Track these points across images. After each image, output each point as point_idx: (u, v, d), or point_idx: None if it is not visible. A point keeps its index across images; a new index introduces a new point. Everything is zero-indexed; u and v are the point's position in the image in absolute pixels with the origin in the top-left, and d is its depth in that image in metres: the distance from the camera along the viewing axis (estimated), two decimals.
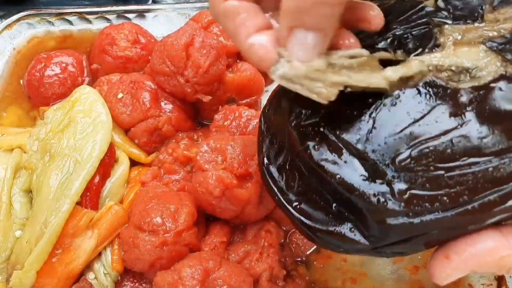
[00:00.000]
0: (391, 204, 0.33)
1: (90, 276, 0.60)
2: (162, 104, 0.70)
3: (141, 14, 0.86)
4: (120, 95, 0.69)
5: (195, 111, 0.75)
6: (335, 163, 0.35)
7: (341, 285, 0.64)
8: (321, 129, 0.37)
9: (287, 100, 0.41)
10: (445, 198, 0.32)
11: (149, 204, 0.58)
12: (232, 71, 0.72)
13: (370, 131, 0.35)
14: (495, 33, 0.38)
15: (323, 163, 0.36)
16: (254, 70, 0.73)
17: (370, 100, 0.36)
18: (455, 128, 0.33)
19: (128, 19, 0.86)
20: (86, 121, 0.65)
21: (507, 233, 0.33)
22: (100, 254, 0.61)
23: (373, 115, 0.35)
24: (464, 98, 0.34)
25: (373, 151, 0.34)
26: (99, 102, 0.68)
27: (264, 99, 0.79)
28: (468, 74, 0.36)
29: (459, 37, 0.38)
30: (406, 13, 0.41)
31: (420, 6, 0.41)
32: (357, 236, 0.36)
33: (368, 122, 0.35)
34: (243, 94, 0.73)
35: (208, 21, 0.74)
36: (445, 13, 0.39)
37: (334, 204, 0.37)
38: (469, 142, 0.33)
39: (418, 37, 0.39)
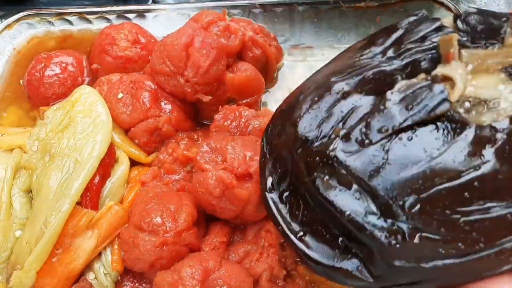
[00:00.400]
0: (402, 246, 0.31)
1: (90, 276, 0.60)
2: (162, 104, 0.70)
3: (141, 14, 0.86)
4: (120, 95, 0.69)
5: (195, 111, 0.75)
6: (345, 198, 0.33)
7: (341, 285, 0.64)
8: (330, 161, 0.34)
9: (292, 124, 0.39)
10: (460, 244, 0.31)
11: (149, 204, 0.58)
12: (232, 71, 0.72)
13: (383, 166, 0.32)
14: None
15: (332, 197, 0.34)
16: (254, 70, 0.73)
17: (385, 128, 0.33)
18: (473, 169, 0.31)
19: (128, 19, 0.86)
20: (86, 121, 0.65)
21: None
22: (100, 254, 0.61)
23: (387, 147, 0.33)
24: (483, 136, 0.32)
25: (386, 188, 0.32)
26: (99, 102, 0.68)
27: (264, 99, 0.79)
28: (486, 106, 0.33)
29: (477, 65, 0.35)
30: (421, 32, 0.38)
31: (437, 25, 0.38)
32: (364, 275, 0.35)
33: (381, 155, 0.33)
34: (243, 94, 0.73)
35: (208, 21, 0.74)
36: (463, 34, 0.37)
37: (341, 239, 0.36)
38: (487, 185, 0.31)
39: (433, 61, 0.36)
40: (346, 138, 0.35)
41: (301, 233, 0.38)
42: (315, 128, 0.37)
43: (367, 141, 0.34)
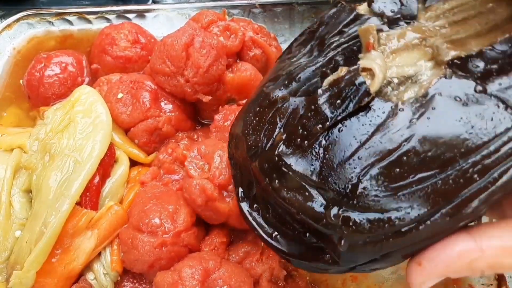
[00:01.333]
0: (353, 230, 0.33)
1: (90, 276, 0.60)
2: (162, 104, 0.70)
3: (141, 14, 0.86)
4: (120, 95, 0.69)
5: (195, 111, 0.75)
6: (297, 196, 0.36)
7: (342, 285, 0.64)
8: (277, 165, 0.37)
9: (243, 137, 0.41)
10: (401, 217, 0.32)
11: (148, 204, 0.58)
12: (232, 71, 0.71)
13: (322, 161, 0.35)
14: (430, 33, 0.37)
15: (286, 196, 0.36)
16: (254, 70, 0.73)
17: (319, 127, 0.35)
18: (400, 146, 0.33)
19: (128, 19, 0.86)
20: (86, 121, 0.65)
21: (475, 233, 0.32)
22: (99, 254, 0.61)
23: (323, 143, 0.35)
24: (406, 112, 0.34)
25: (328, 180, 0.34)
26: (99, 102, 0.68)
27: None
28: (410, 80, 0.35)
29: (396, 45, 0.37)
30: (341, 25, 0.40)
31: (354, 14, 0.40)
32: (331, 261, 0.36)
33: (319, 151, 0.35)
34: (243, 94, 0.73)
35: (208, 21, 0.74)
36: (379, 18, 0.39)
37: (306, 233, 0.38)
38: (415, 158, 0.32)
39: (354, 52, 0.38)
40: (288, 141, 0.37)
41: (276, 233, 0.40)
42: (262, 137, 0.39)
43: (305, 141, 0.36)
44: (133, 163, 0.69)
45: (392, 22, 0.38)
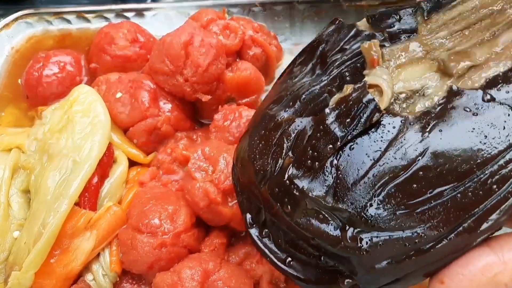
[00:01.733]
0: (373, 251, 0.32)
1: (89, 277, 0.60)
2: (161, 103, 0.69)
3: (140, 12, 0.86)
4: (118, 95, 0.69)
5: (194, 111, 0.75)
6: (311, 220, 0.34)
7: None
8: (288, 188, 0.36)
9: (250, 162, 0.40)
10: (422, 235, 0.31)
11: (147, 205, 0.58)
12: (232, 70, 0.71)
13: (335, 181, 0.34)
14: (433, 45, 0.37)
15: (300, 221, 0.35)
16: (254, 69, 0.72)
17: (329, 147, 0.34)
18: (415, 161, 0.32)
19: (127, 18, 0.85)
20: (84, 121, 0.65)
21: (496, 246, 0.32)
22: (98, 255, 0.60)
23: (335, 163, 0.34)
24: (417, 126, 0.33)
25: (343, 201, 0.33)
26: (98, 101, 0.67)
27: None
28: (417, 94, 0.35)
29: (400, 60, 0.37)
30: (342, 42, 0.39)
31: (354, 31, 0.39)
32: (350, 285, 0.36)
33: (331, 172, 0.34)
34: (243, 94, 0.72)
35: (207, 19, 0.73)
36: (380, 34, 0.38)
37: (322, 257, 0.37)
38: (431, 172, 0.32)
39: (358, 69, 0.37)
40: (298, 164, 0.36)
41: (289, 259, 0.39)
42: (270, 160, 0.38)
43: (316, 162, 0.35)
44: (132, 163, 0.68)
45: (393, 37, 0.38)
